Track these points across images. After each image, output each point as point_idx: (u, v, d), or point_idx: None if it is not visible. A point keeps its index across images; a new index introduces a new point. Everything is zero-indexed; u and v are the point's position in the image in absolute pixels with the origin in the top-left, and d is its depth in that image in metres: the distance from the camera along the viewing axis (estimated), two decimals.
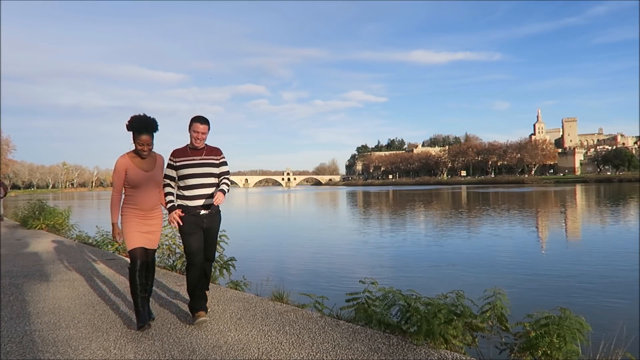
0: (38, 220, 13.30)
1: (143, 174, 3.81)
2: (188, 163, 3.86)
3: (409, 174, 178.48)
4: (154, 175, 3.87)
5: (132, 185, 3.78)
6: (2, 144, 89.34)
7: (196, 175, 3.84)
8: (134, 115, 3.72)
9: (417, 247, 13.26)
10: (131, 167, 3.78)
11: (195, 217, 3.84)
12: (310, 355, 3.11)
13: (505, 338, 3.23)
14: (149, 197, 3.85)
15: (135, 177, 3.77)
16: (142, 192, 3.81)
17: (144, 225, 3.85)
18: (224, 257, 6.15)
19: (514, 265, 10.02)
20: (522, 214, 23.91)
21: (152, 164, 3.89)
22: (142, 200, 3.82)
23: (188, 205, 3.85)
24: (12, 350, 3.29)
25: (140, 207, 3.82)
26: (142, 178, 3.80)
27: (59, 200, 60.81)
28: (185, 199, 3.87)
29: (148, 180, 3.83)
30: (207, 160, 3.91)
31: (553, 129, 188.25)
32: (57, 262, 7.15)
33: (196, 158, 3.88)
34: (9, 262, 7.28)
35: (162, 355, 3.16)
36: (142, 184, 3.79)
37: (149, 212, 3.87)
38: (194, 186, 3.83)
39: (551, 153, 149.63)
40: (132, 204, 3.81)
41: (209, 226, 3.92)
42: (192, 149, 3.91)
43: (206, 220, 3.88)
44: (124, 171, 3.76)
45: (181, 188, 3.89)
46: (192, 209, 3.84)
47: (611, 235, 14.92)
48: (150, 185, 3.85)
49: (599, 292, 7.48)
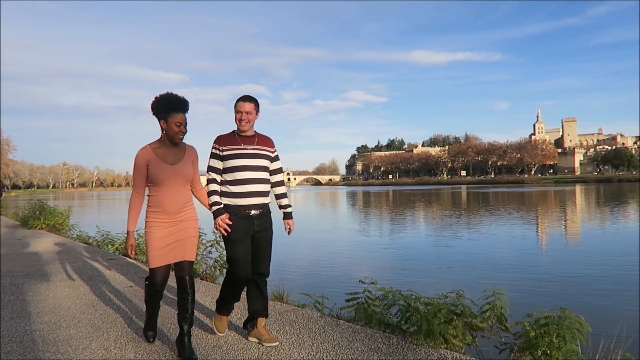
0: (38, 220, 13.29)
1: (168, 168, 3.07)
2: (238, 152, 3.20)
3: (409, 174, 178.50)
4: (182, 169, 3.13)
5: (155, 183, 3.06)
6: (2, 144, 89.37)
7: (248, 167, 3.19)
8: (161, 94, 3.06)
9: (417, 247, 13.27)
10: (154, 160, 3.06)
11: (245, 219, 3.19)
12: (310, 355, 3.11)
13: (505, 338, 3.24)
14: (176, 196, 3.12)
15: (159, 172, 3.04)
16: (168, 191, 3.08)
17: (174, 234, 3.10)
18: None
19: (514, 265, 10.02)
20: (522, 214, 23.91)
21: (179, 155, 3.16)
22: (167, 201, 3.08)
23: (236, 205, 3.20)
24: (13, 350, 3.30)
25: (165, 210, 3.09)
26: (166, 173, 3.06)
27: (59, 200, 60.82)
28: (231, 197, 3.21)
29: (175, 175, 3.09)
30: (261, 151, 3.27)
31: (553, 129, 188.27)
32: (57, 262, 7.15)
33: (247, 147, 3.23)
34: (9, 262, 7.28)
35: (162, 355, 3.16)
36: (166, 181, 3.06)
37: (177, 214, 3.13)
38: (244, 181, 3.18)
39: (551, 153, 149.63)
40: (155, 207, 3.09)
41: (261, 230, 3.26)
42: (242, 136, 3.25)
43: (257, 222, 3.23)
44: (146, 165, 3.05)
45: (227, 183, 3.22)
46: (240, 209, 3.19)
47: (611, 236, 14.92)
48: (177, 181, 3.11)
49: (599, 292, 7.48)
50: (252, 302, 3.36)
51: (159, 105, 3.04)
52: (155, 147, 3.12)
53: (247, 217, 3.21)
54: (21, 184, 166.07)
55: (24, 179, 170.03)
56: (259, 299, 3.35)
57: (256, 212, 3.23)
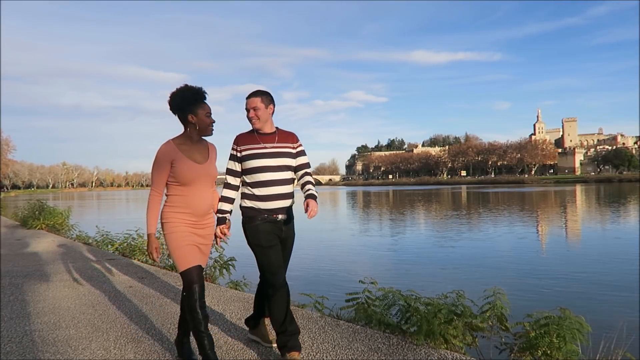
0: (38, 220, 13.30)
1: (197, 167, 2.84)
2: (258, 152, 2.96)
3: (409, 174, 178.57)
4: (210, 168, 2.94)
5: (184, 182, 2.82)
6: (2, 144, 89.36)
7: (269, 168, 2.95)
8: (180, 88, 2.83)
9: (417, 247, 13.26)
10: (180, 157, 2.80)
11: (273, 223, 2.97)
12: (310, 355, 3.11)
13: (505, 338, 3.23)
14: (205, 197, 2.91)
15: (188, 170, 2.81)
16: (197, 192, 2.87)
17: (198, 237, 2.89)
18: (224, 257, 6.15)
19: (514, 265, 10.02)
20: (522, 214, 23.91)
21: (204, 153, 2.94)
22: (196, 202, 2.86)
23: (261, 208, 2.95)
24: (12, 350, 3.29)
25: (193, 212, 2.85)
26: (196, 172, 2.83)
27: (59, 200, 60.84)
28: (255, 199, 2.96)
29: (204, 175, 2.89)
30: (282, 149, 3.02)
31: (553, 129, 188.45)
32: (57, 262, 7.15)
33: (267, 146, 2.98)
34: (9, 262, 7.28)
35: (162, 355, 3.16)
36: (196, 181, 2.85)
37: (204, 217, 2.92)
38: (267, 183, 2.95)
39: (551, 153, 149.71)
40: (181, 208, 2.83)
41: (287, 236, 3.06)
42: (261, 134, 3.01)
43: (285, 228, 3.01)
44: (169, 163, 2.79)
45: (249, 185, 2.99)
46: (266, 213, 2.95)
47: (611, 236, 14.92)
48: (207, 182, 2.92)
49: (599, 292, 7.48)
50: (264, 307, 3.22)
51: (185, 98, 2.79)
52: (180, 143, 2.85)
53: (275, 222, 2.97)
54: (21, 184, 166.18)
55: (23, 179, 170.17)
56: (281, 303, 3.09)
57: (283, 217, 3.00)
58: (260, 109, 2.95)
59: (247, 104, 2.98)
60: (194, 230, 2.86)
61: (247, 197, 2.99)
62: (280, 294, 2.98)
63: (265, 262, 2.95)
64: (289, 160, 3.04)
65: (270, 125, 3.05)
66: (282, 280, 2.99)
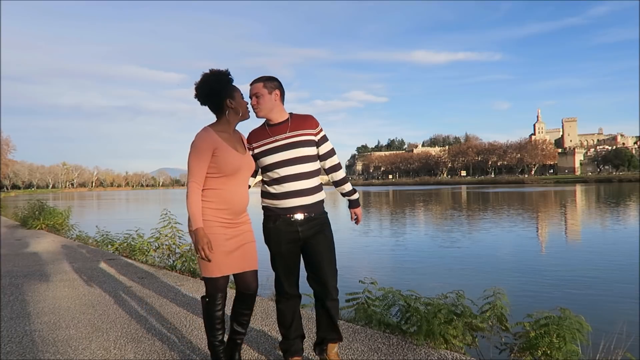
0: (38, 220, 13.30)
1: (240, 158, 2.58)
2: (269, 148, 2.67)
3: (409, 174, 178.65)
4: (249, 160, 2.66)
5: (227, 174, 2.53)
6: (2, 144, 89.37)
7: (283, 163, 2.64)
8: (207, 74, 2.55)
9: (417, 247, 13.26)
10: (223, 146, 2.52)
11: (287, 224, 2.67)
12: (310, 355, 3.11)
13: (505, 338, 3.23)
14: (244, 193, 2.65)
15: (231, 161, 2.52)
16: (239, 186, 2.60)
17: (236, 237, 2.61)
18: None
19: (514, 265, 10.02)
20: (522, 214, 23.91)
21: (241, 142, 2.70)
22: (236, 197, 2.58)
23: (276, 207, 2.68)
24: (12, 350, 3.29)
25: (231, 209, 2.58)
26: (239, 163, 2.56)
27: (59, 200, 60.82)
28: (270, 198, 2.69)
29: (247, 167, 2.63)
30: (297, 138, 2.66)
31: (553, 129, 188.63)
32: (57, 262, 7.15)
33: (279, 138, 2.67)
34: (9, 262, 7.28)
35: (162, 355, 3.16)
36: (239, 173, 2.58)
37: (241, 214, 2.66)
38: (282, 179, 2.64)
39: (551, 153, 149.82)
40: (219, 204, 2.53)
41: (309, 237, 2.68)
42: (271, 125, 2.71)
43: (302, 228, 2.66)
44: (211, 151, 2.49)
45: (265, 183, 2.74)
46: (281, 213, 2.67)
47: (611, 236, 14.92)
48: (247, 175, 2.66)
49: (599, 292, 7.48)
50: (318, 325, 2.83)
51: (221, 82, 2.54)
52: (220, 130, 2.57)
53: (290, 222, 2.66)
54: (21, 184, 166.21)
55: (23, 179, 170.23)
56: (323, 321, 2.78)
57: (301, 216, 2.65)
58: (262, 96, 2.64)
59: (250, 92, 2.68)
60: (232, 232, 2.58)
61: (263, 195, 2.75)
62: (286, 303, 2.78)
63: (274, 268, 2.76)
64: (308, 149, 2.68)
65: (279, 113, 2.70)
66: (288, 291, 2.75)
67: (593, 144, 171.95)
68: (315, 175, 2.73)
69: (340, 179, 2.85)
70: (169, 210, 7.31)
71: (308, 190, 2.67)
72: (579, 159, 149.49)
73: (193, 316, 4.07)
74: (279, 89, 2.70)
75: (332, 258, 2.74)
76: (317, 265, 2.69)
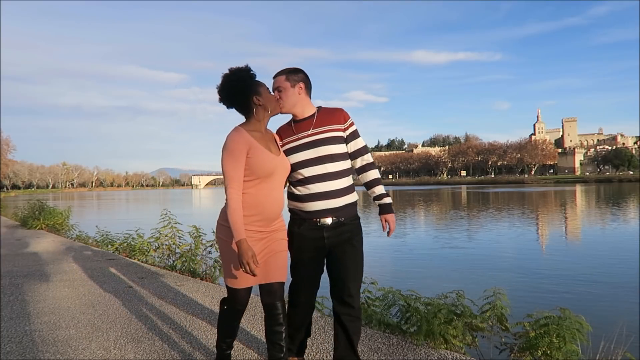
0: (38, 220, 13.31)
1: (275, 159, 2.38)
2: (293, 146, 2.48)
3: (409, 174, 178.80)
4: (284, 160, 2.45)
5: (259, 176, 2.33)
6: (2, 144, 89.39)
7: (308, 162, 2.43)
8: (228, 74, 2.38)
9: (417, 247, 13.26)
10: (256, 147, 2.33)
11: (312, 229, 2.45)
12: (310, 355, 3.11)
13: (505, 338, 3.23)
14: (279, 197, 2.44)
15: (265, 163, 2.33)
16: (273, 190, 2.39)
17: (266, 247, 2.40)
18: None
19: (514, 265, 10.02)
20: (522, 214, 23.91)
21: (274, 141, 2.50)
22: (269, 203, 2.37)
23: (302, 210, 2.47)
24: (12, 350, 3.29)
25: (263, 215, 2.37)
26: (273, 165, 2.36)
27: (59, 200, 60.83)
28: (297, 200, 2.48)
29: (282, 169, 2.42)
30: (321, 135, 2.45)
31: (553, 129, 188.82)
32: (57, 262, 7.15)
33: (302, 135, 2.47)
34: (9, 262, 7.28)
35: (162, 355, 3.16)
36: (275, 176, 2.38)
37: (274, 221, 2.44)
38: (306, 180, 2.43)
39: (551, 153, 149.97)
40: (248, 209, 2.32)
41: (336, 244, 2.46)
42: (297, 121, 2.52)
43: (329, 234, 2.44)
44: (245, 153, 2.30)
45: (291, 183, 2.53)
46: (306, 217, 2.46)
47: (611, 236, 14.92)
48: (283, 177, 2.46)
49: (599, 292, 7.48)
50: (335, 344, 2.57)
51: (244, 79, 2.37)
52: (251, 130, 2.38)
53: (316, 227, 2.43)
54: (21, 184, 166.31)
55: (23, 179, 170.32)
56: (342, 342, 2.53)
57: (328, 221, 2.43)
58: (285, 90, 2.46)
59: (272, 86, 2.50)
60: (262, 243, 2.38)
61: (289, 197, 2.55)
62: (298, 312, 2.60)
63: (293, 276, 2.54)
64: (335, 147, 2.45)
65: (304, 107, 2.51)
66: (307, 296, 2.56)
67: (593, 144, 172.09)
68: (344, 175, 2.49)
69: (371, 180, 2.59)
70: (169, 210, 7.31)
71: (336, 192, 2.44)
72: (579, 159, 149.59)
73: (193, 316, 4.07)
74: (304, 82, 2.51)
75: (357, 273, 2.50)
76: (340, 279, 2.47)
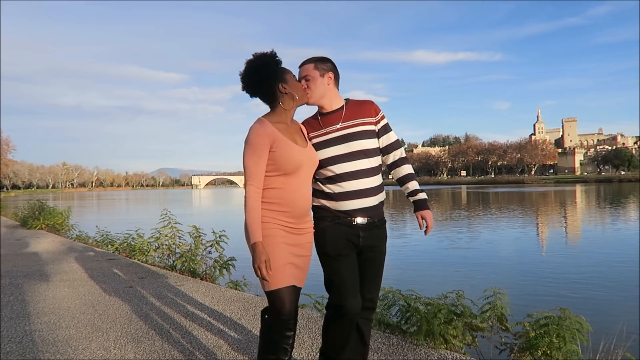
0: (38, 221, 13.31)
1: (301, 152, 2.20)
2: (321, 140, 2.30)
3: None
4: (312, 153, 2.27)
5: (287, 171, 2.15)
6: (2, 144, 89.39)
7: (339, 158, 2.27)
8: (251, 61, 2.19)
9: (417, 246, 13.25)
10: (281, 139, 2.15)
11: (348, 227, 2.27)
12: (310, 355, 3.11)
13: (505, 338, 3.23)
14: (307, 192, 2.29)
15: (291, 156, 2.15)
16: (301, 184, 2.22)
17: (295, 247, 2.20)
18: (224, 257, 6.15)
19: (514, 265, 10.02)
20: (522, 214, 23.92)
21: (302, 134, 2.31)
22: (298, 198, 2.20)
23: (335, 209, 2.28)
24: (12, 350, 3.29)
25: (293, 211, 2.19)
26: (300, 158, 2.18)
27: (59, 200, 60.82)
28: (326, 198, 2.30)
29: (309, 162, 2.24)
30: (353, 129, 2.29)
31: (553, 129, 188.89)
32: (57, 262, 7.15)
33: (331, 129, 2.30)
34: (9, 262, 7.28)
35: (162, 355, 3.16)
36: (302, 170, 2.20)
37: (304, 218, 2.26)
38: (338, 178, 2.26)
39: (551, 153, 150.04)
40: (277, 205, 2.15)
41: (368, 247, 2.32)
42: (323, 114, 2.34)
43: (364, 234, 2.28)
44: (269, 146, 2.12)
45: (319, 181, 2.33)
46: (341, 215, 2.27)
47: (611, 236, 14.92)
48: (310, 171, 2.28)
49: (599, 292, 7.47)
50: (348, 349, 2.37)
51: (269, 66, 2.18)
52: (276, 121, 2.19)
53: (350, 226, 2.26)
54: (21, 184, 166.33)
55: (23, 179, 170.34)
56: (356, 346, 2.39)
57: (363, 220, 2.27)
58: (313, 79, 2.28)
59: (299, 75, 2.32)
60: (294, 239, 2.19)
61: (320, 196, 2.33)
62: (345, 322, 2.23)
63: (332, 277, 2.26)
64: (367, 142, 2.31)
65: (332, 99, 2.34)
66: (354, 306, 2.20)
67: (593, 144, 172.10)
68: (377, 172, 2.35)
69: (405, 175, 2.43)
70: (169, 210, 7.31)
71: (369, 191, 2.28)
72: (579, 159, 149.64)
73: (193, 316, 4.07)
74: (333, 71, 2.34)
75: (380, 279, 2.43)
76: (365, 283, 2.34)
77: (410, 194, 2.42)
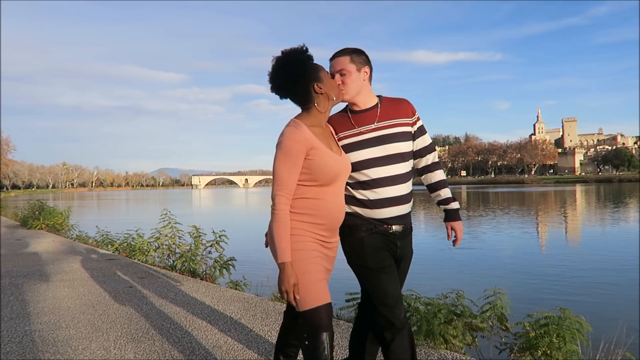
0: (38, 221, 13.31)
1: (337, 160, 2.00)
2: (353, 141, 2.10)
3: None
4: (346, 161, 2.07)
5: (321, 182, 1.95)
6: (2, 144, 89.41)
7: (374, 161, 2.07)
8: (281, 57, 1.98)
9: (417, 246, 13.22)
10: (318, 146, 1.93)
11: (384, 236, 2.09)
12: None
13: (505, 338, 3.23)
14: (342, 203, 2.07)
15: (329, 166, 1.95)
16: (334, 194, 2.02)
17: (328, 261, 2.06)
18: (224, 257, 6.15)
19: (514, 265, 10.02)
20: (522, 214, 23.92)
21: (334, 139, 2.12)
22: (334, 209, 2.01)
23: (370, 217, 2.08)
24: (12, 350, 3.29)
25: (328, 223, 2.01)
26: (337, 167, 1.99)
27: (59, 200, 60.83)
28: (359, 206, 2.10)
29: (344, 171, 2.04)
30: (389, 130, 2.09)
31: (553, 129, 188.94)
32: (57, 262, 7.15)
33: (364, 130, 2.10)
34: (9, 262, 7.28)
35: (162, 355, 3.16)
36: (339, 179, 2.01)
37: (335, 233, 2.09)
38: (373, 183, 2.07)
39: (551, 153, 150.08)
40: (312, 217, 1.96)
41: (403, 254, 2.19)
42: (355, 112, 2.14)
43: (400, 242, 2.14)
44: (305, 154, 1.91)
45: (350, 186, 2.12)
46: (377, 224, 2.09)
47: (611, 236, 14.92)
48: (345, 181, 2.09)
49: (599, 292, 7.48)
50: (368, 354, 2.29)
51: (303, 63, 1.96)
52: (311, 125, 1.98)
53: (388, 234, 2.09)
54: (21, 184, 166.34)
55: (23, 179, 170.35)
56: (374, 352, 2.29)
57: (399, 229, 2.12)
58: (349, 73, 2.06)
59: (331, 68, 2.09)
60: (323, 251, 2.01)
61: (353, 202, 2.11)
62: (401, 337, 2.04)
63: (377, 292, 2.05)
64: (404, 145, 2.12)
65: (366, 96, 2.13)
66: (403, 316, 2.06)
67: (593, 144, 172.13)
68: (411, 177, 2.18)
69: (438, 181, 2.28)
70: (169, 210, 7.31)
71: (404, 197, 2.11)
72: (579, 159, 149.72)
73: (193, 316, 4.07)
74: (369, 65, 2.14)
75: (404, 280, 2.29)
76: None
77: (442, 202, 2.28)
